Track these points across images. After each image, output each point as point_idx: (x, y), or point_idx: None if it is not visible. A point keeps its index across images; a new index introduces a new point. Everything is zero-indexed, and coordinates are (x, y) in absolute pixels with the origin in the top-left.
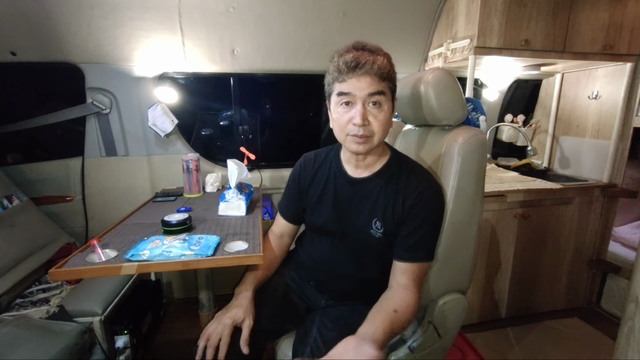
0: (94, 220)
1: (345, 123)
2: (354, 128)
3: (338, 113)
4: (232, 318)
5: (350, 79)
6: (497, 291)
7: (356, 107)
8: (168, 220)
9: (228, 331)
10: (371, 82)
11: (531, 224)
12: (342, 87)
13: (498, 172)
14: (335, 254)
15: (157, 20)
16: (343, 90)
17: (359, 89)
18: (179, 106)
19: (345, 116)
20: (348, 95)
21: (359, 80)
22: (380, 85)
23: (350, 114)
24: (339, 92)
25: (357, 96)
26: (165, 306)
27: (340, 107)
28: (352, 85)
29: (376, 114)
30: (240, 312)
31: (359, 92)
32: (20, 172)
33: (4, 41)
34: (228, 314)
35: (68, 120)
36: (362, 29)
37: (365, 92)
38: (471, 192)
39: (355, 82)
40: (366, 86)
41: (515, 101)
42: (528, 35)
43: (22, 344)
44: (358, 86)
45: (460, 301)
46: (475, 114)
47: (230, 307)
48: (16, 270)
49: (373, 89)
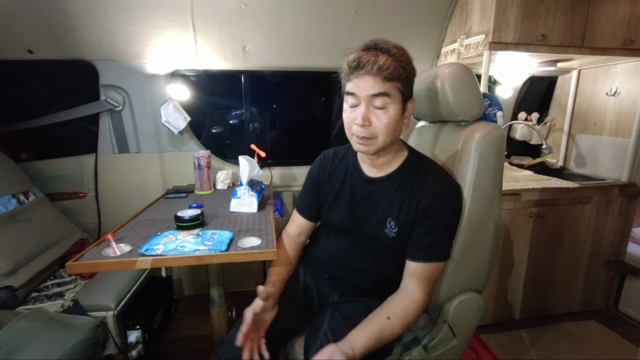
0: (107, 216)
1: (350, 123)
2: (356, 128)
3: (346, 112)
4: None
5: (354, 79)
6: (511, 292)
7: (360, 107)
8: (181, 216)
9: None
10: (373, 83)
11: (547, 223)
12: (348, 87)
13: (512, 170)
14: (351, 250)
15: (169, 18)
16: (349, 90)
17: (362, 89)
18: (190, 103)
19: (350, 116)
20: (353, 96)
21: (361, 80)
22: (383, 86)
23: (355, 114)
24: (347, 91)
25: (361, 97)
26: (175, 303)
27: (349, 106)
28: (356, 86)
29: (380, 116)
30: (270, 303)
31: (361, 93)
32: (36, 169)
33: (21, 39)
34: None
35: (82, 118)
36: (374, 25)
37: (367, 93)
38: (489, 190)
39: (358, 82)
40: (368, 87)
41: (530, 99)
42: (545, 30)
43: (38, 337)
44: (361, 86)
45: (476, 300)
46: (491, 109)
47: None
48: (32, 265)
49: (375, 90)
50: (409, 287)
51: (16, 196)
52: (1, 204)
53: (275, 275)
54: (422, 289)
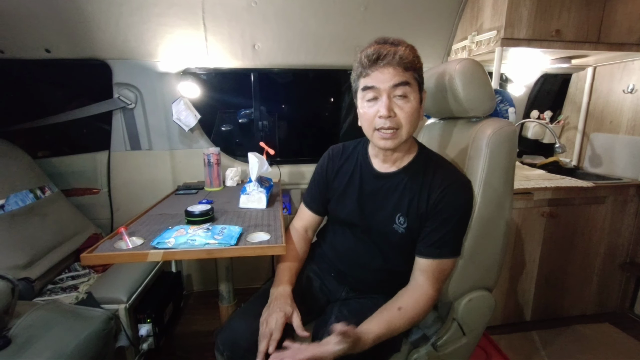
0: (119, 212)
1: (371, 117)
2: (380, 121)
3: (364, 108)
4: (283, 311)
5: (374, 72)
6: (522, 292)
7: (381, 99)
8: (191, 211)
9: (282, 321)
10: (394, 73)
11: (559, 223)
12: (366, 82)
13: (523, 169)
14: (358, 245)
15: (181, 16)
16: (367, 85)
17: (382, 81)
18: (200, 101)
19: (371, 110)
20: (372, 89)
21: (382, 72)
22: (404, 75)
23: (376, 108)
24: (364, 86)
25: (382, 89)
26: (185, 298)
27: (366, 102)
28: (375, 79)
29: (402, 105)
30: (287, 307)
31: (383, 84)
32: (51, 165)
33: (40, 39)
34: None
35: (96, 115)
36: (384, 22)
37: (389, 84)
38: (500, 187)
39: (378, 74)
40: (389, 77)
41: (542, 96)
42: (559, 26)
43: (54, 327)
44: (381, 78)
45: (487, 298)
46: (503, 105)
47: (272, 305)
48: (48, 258)
49: (397, 79)
50: (420, 282)
51: (33, 191)
52: (19, 198)
53: (287, 272)
54: (433, 284)
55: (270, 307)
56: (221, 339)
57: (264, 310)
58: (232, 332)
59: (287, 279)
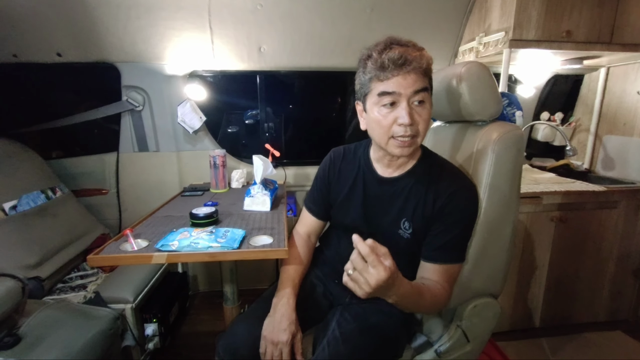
0: (127, 212)
1: (389, 125)
2: (399, 129)
3: (380, 114)
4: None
5: (396, 76)
6: (530, 298)
7: (401, 106)
8: (196, 213)
9: (287, 349)
10: (416, 79)
11: (569, 228)
12: (385, 86)
13: (532, 173)
14: None
15: (188, 20)
16: (387, 90)
17: (404, 87)
18: (207, 103)
19: (388, 117)
20: (392, 95)
21: (404, 78)
22: (424, 81)
23: (395, 114)
24: (382, 91)
25: (403, 94)
26: (191, 298)
27: (382, 107)
28: (397, 84)
29: (420, 112)
30: (293, 327)
31: (404, 90)
32: (62, 166)
33: (51, 43)
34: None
35: (105, 117)
36: (390, 24)
37: (411, 90)
38: (506, 192)
39: (400, 80)
40: (412, 83)
41: (553, 98)
42: (570, 26)
43: (62, 326)
44: (404, 84)
45: (492, 305)
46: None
47: (276, 321)
48: (58, 257)
49: (418, 85)
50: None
51: (44, 192)
52: (31, 199)
53: (291, 278)
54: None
55: (275, 322)
56: (222, 345)
57: (266, 320)
58: (234, 339)
59: (291, 290)
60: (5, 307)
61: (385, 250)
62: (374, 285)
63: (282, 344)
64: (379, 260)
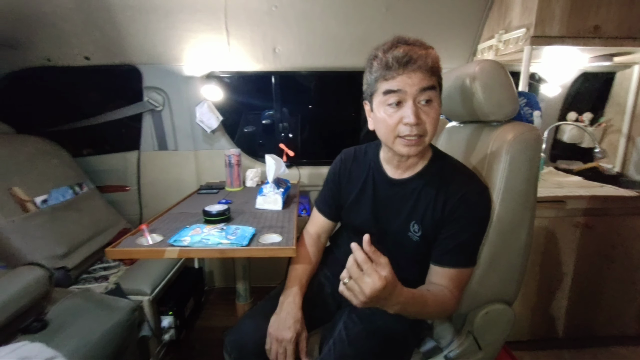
0: (147, 208)
1: (395, 124)
2: (405, 128)
3: (385, 113)
4: (294, 332)
5: (401, 75)
6: (552, 307)
7: (407, 105)
8: (209, 211)
9: (292, 347)
10: (423, 77)
11: (596, 235)
12: (390, 85)
13: (557, 176)
14: None
15: (205, 22)
16: (392, 88)
17: (410, 85)
18: (223, 104)
19: (394, 116)
20: (398, 93)
21: (409, 76)
22: (431, 80)
23: (401, 114)
24: (387, 90)
25: (408, 93)
26: (206, 293)
27: (388, 106)
28: (402, 82)
29: (428, 111)
30: (298, 325)
31: (410, 89)
32: (88, 163)
33: (80, 48)
34: (287, 330)
35: (127, 117)
36: (406, 23)
37: (417, 88)
38: (521, 195)
39: (405, 78)
40: (418, 82)
41: (581, 97)
42: (598, 21)
43: (84, 314)
44: (409, 82)
45: (505, 312)
46: (528, 109)
47: (281, 318)
48: (83, 249)
49: (425, 84)
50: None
51: (72, 187)
52: (60, 193)
53: (298, 277)
54: (454, 291)
55: (280, 319)
56: (229, 341)
57: (272, 317)
58: (241, 335)
59: (297, 289)
60: (34, 294)
61: (385, 260)
62: (368, 294)
63: (287, 341)
64: (374, 269)
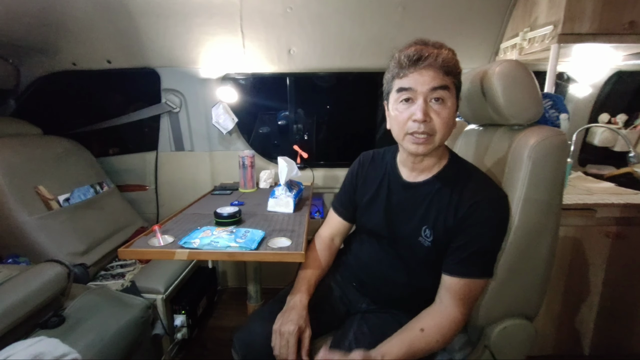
0: (164, 208)
1: (404, 120)
2: (414, 125)
3: (397, 110)
4: (296, 325)
5: (412, 73)
6: (579, 322)
7: (417, 102)
8: (220, 213)
9: (293, 340)
10: (434, 76)
11: (629, 246)
12: (402, 83)
13: (586, 181)
14: (382, 257)
15: (221, 25)
16: (403, 86)
17: (421, 83)
18: (238, 105)
19: (404, 113)
20: (408, 91)
21: (421, 74)
22: (444, 79)
23: (411, 110)
24: (399, 87)
25: (419, 91)
26: (219, 293)
27: (400, 104)
28: (413, 80)
29: (439, 111)
30: (302, 322)
31: (421, 87)
32: (109, 163)
33: (103, 52)
34: (289, 323)
35: (146, 118)
36: (424, 22)
37: (428, 87)
38: (544, 204)
39: (417, 76)
40: (429, 80)
41: (615, 98)
42: (634, 16)
43: (100, 311)
44: (420, 80)
45: (525, 328)
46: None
47: (286, 315)
48: (102, 247)
49: (436, 83)
50: (445, 302)
51: (93, 186)
52: (82, 192)
53: (306, 281)
54: (459, 306)
55: (285, 315)
56: (238, 339)
57: (278, 316)
58: (249, 334)
59: (306, 288)
60: (53, 290)
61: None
62: None
63: (289, 333)
64: None
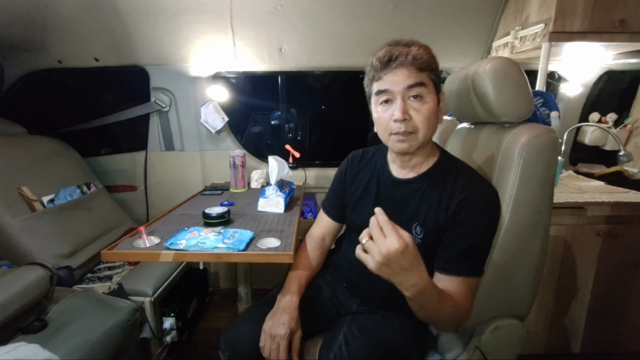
0: (154, 208)
1: (387, 121)
2: (395, 125)
3: (378, 112)
4: (288, 328)
5: (386, 74)
6: (570, 320)
7: (396, 102)
8: (208, 213)
9: (285, 344)
10: (408, 75)
11: (620, 244)
12: (379, 85)
13: (577, 180)
14: None
15: (211, 23)
16: (380, 88)
17: (396, 83)
18: (229, 104)
19: (385, 114)
20: (386, 93)
21: (395, 74)
22: (419, 76)
23: (390, 111)
24: (377, 90)
25: (395, 91)
26: (210, 295)
27: (380, 106)
28: (388, 81)
29: (418, 108)
30: (293, 324)
31: (396, 87)
32: (98, 163)
33: (90, 49)
34: (281, 326)
35: (135, 117)
36: (415, 20)
37: (403, 86)
38: (535, 204)
39: (391, 77)
40: (403, 79)
41: (605, 97)
42: (624, 15)
43: (85, 314)
44: (395, 80)
45: (516, 328)
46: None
47: (277, 315)
48: (89, 248)
49: (411, 81)
50: None
51: (80, 187)
52: (68, 193)
53: (297, 282)
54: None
55: (275, 317)
56: (224, 339)
57: (268, 316)
58: (235, 334)
59: (296, 289)
60: (34, 294)
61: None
62: (384, 253)
63: (280, 337)
64: (394, 230)
